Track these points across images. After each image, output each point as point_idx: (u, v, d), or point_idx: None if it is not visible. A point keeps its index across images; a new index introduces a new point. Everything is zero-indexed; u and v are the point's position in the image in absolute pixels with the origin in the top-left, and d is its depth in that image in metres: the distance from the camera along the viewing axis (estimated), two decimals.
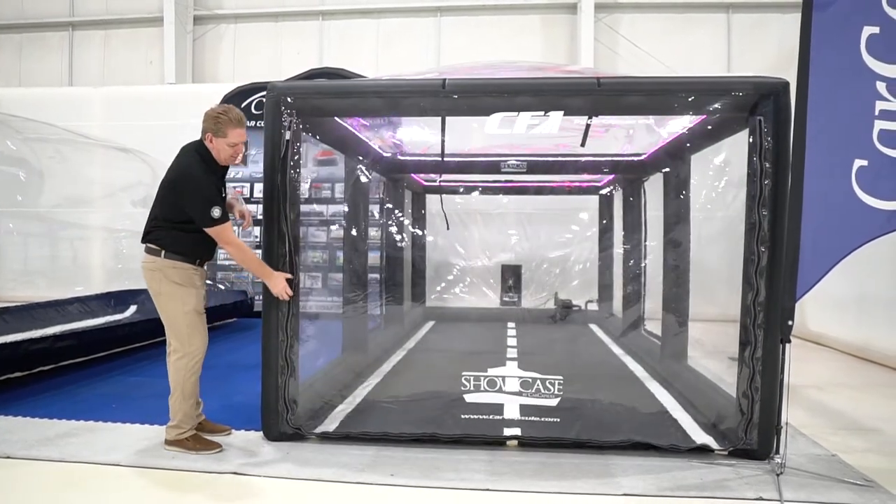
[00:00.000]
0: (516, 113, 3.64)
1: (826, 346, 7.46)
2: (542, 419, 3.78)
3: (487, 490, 3.22)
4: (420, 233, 8.67)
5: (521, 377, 3.75)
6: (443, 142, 4.00)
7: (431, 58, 12.29)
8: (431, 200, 8.95)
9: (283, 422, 3.80)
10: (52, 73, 13.29)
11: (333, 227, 9.39)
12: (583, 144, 4.06)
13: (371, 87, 3.82)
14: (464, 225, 8.93)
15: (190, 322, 3.67)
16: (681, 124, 5.11)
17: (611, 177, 8.12)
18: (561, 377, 3.72)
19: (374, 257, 7.23)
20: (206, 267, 3.84)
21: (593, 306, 9.09)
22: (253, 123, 9.82)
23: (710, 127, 4.13)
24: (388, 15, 12.49)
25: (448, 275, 8.90)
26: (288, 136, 3.76)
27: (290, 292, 3.73)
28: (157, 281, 3.64)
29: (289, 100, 3.76)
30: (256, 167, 9.78)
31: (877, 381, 5.93)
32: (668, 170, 5.56)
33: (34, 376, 5.40)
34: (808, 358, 6.84)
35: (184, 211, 3.60)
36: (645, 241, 7.27)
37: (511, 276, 9.47)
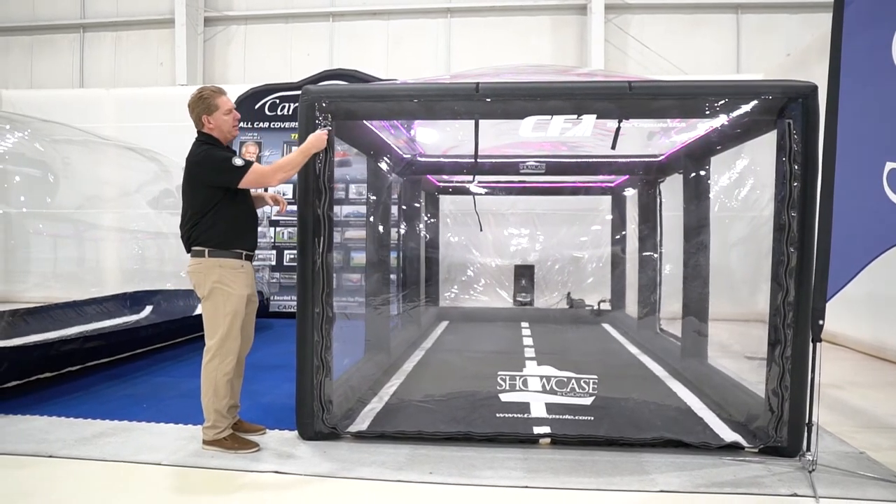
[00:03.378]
0: (549, 116, 3.70)
1: (839, 345, 7.51)
2: (577, 417, 3.84)
3: (526, 487, 3.28)
4: (434, 233, 8.72)
5: (556, 376, 3.81)
6: (476, 144, 4.05)
7: (441, 59, 12.35)
8: (444, 201, 9.04)
9: (318, 421, 3.86)
10: (63, 75, 13.34)
11: (349, 228, 9.43)
12: (613, 147, 4.11)
13: (405, 90, 3.87)
14: (476, 225, 9.01)
15: (229, 324, 3.69)
16: (702, 126, 5.19)
17: (624, 178, 8.19)
18: (595, 376, 3.79)
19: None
20: (252, 262, 3.87)
21: (606, 306, 9.15)
22: (267, 125, 9.91)
23: (737, 130, 4.19)
24: (398, 16, 12.54)
25: (461, 275, 8.98)
26: None
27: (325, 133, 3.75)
28: (202, 285, 3.68)
29: (323, 104, 3.81)
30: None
31: (893, 379, 5.99)
32: (688, 171, 5.61)
33: (62, 377, 5.45)
34: (822, 356, 6.88)
35: (212, 191, 3.64)
36: (661, 241, 7.33)
37: (524, 276, 9.55)
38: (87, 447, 3.80)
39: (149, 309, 8.77)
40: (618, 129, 4.00)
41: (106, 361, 6.02)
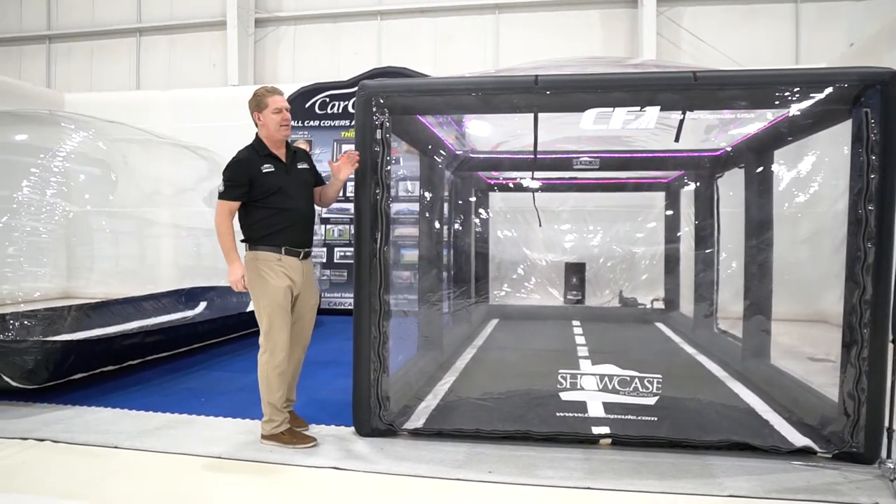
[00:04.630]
0: (611, 109, 3.60)
1: None
2: (639, 418, 3.73)
3: (589, 489, 3.20)
4: (484, 231, 8.66)
5: (619, 375, 3.71)
6: (535, 139, 3.97)
7: (489, 56, 12.26)
8: (494, 198, 8.96)
9: (375, 418, 3.84)
10: (120, 78, 13.73)
11: (398, 226, 9.43)
12: (677, 140, 3.99)
13: (463, 83, 3.82)
14: (527, 223, 8.92)
15: (269, 316, 3.69)
16: (765, 118, 5.01)
17: (678, 173, 7.99)
18: (660, 375, 3.67)
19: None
20: (303, 257, 3.82)
21: (659, 305, 8.96)
22: (317, 123, 9.99)
23: (809, 120, 4.00)
24: (446, 13, 12.51)
25: (511, 273, 8.89)
26: (379, 134, 3.78)
27: (243, 287, 3.69)
28: (247, 276, 3.73)
29: (380, 99, 3.79)
30: (321, 166, 9.86)
31: None
32: (750, 165, 5.42)
33: (123, 370, 5.58)
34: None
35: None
36: (718, 238, 7.12)
37: (575, 274, 9.40)
38: (149, 439, 3.87)
39: (203, 305, 8.95)
40: (681, 122, 3.87)
41: (165, 356, 6.14)
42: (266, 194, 3.70)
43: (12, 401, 4.65)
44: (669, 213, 8.47)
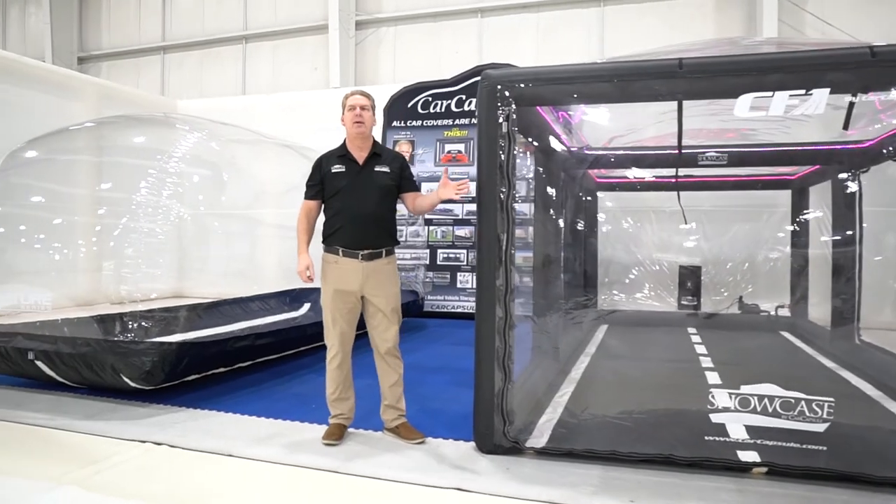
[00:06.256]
0: (770, 93, 3.16)
1: None
2: (803, 446, 3.25)
3: None
4: (593, 233, 8.24)
5: (781, 397, 3.25)
6: (679, 131, 3.57)
7: (594, 50, 11.77)
8: (604, 198, 8.54)
9: (499, 434, 3.55)
10: (227, 83, 14.19)
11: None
12: (846, 127, 3.49)
13: (597, 70, 3.48)
14: (638, 223, 8.43)
15: (325, 314, 3.86)
16: None
17: (810, 168, 7.31)
18: (832, 399, 3.19)
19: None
20: (364, 258, 3.77)
21: (784, 312, 8.26)
22: (419, 123, 9.85)
23: None
24: (548, 8, 12.13)
25: (621, 277, 8.42)
26: (505, 128, 3.50)
27: (307, 279, 3.81)
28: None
29: (505, 91, 3.50)
30: (423, 166, 9.75)
31: None
32: None
33: (232, 372, 5.56)
34: None
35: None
36: (861, 240, 6.42)
37: (690, 278, 8.80)
38: (263, 448, 3.75)
39: (307, 307, 8.97)
40: (851, 105, 3.37)
41: (272, 358, 6.10)
42: (330, 194, 3.84)
43: (130, 400, 4.69)
44: (798, 212, 7.79)
